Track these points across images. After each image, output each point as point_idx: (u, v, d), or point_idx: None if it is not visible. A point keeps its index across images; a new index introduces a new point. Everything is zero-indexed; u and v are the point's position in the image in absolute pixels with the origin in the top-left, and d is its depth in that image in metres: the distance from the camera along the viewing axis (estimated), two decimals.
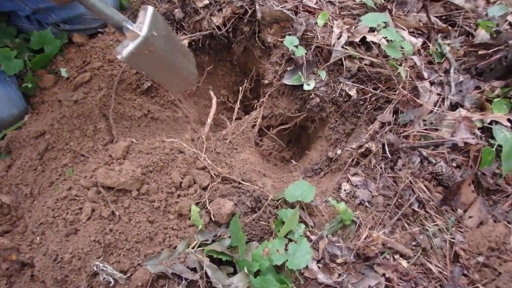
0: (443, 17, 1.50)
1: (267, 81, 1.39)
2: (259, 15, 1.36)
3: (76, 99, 1.14)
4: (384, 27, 1.27)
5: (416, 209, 1.08)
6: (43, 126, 1.11)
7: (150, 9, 0.96)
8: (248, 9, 1.38)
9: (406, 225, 1.06)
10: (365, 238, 1.02)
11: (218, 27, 1.38)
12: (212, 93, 1.32)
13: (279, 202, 1.08)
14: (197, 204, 1.02)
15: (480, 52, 1.33)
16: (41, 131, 1.11)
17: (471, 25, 1.46)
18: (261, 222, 1.04)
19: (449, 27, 1.45)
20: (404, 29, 1.41)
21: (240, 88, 1.39)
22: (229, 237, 0.99)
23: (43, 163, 1.09)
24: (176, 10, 1.38)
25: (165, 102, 1.27)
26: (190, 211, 1.01)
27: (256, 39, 1.42)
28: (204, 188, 1.06)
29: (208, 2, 1.37)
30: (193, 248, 0.96)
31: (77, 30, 1.32)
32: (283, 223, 1.02)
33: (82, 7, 1.08)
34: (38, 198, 1.05)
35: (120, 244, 0.94)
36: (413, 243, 1.03)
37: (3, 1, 1.28)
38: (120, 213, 0.98)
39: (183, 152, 1.09)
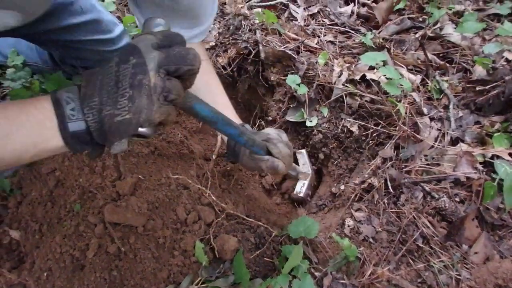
0: (441, 55, 1.55)
1: (270, 118, 1.43)
2: (262, 55, 1.42)
3: None
4: (383, 65, 1.32)
5: (421, 244, 1.08)
6: (54, 163, 1.15)
7: (305, 152, 1.29)
8: (252, 50, 1.44)
9: (411, 261, 1.06)
10: (369, 275, 1.01)
11: (223, 67, 1.44)
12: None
13: (282, 238, 1.09)
14: (201, 240, 1.04)
15: (478, 88, 1.36)
16: (51, 168, 1.15)
17: (468, 62, 1.50)
18: (265, 259, 1.04)
19: (447, 64, 1.49)
20: (402, 67, 1.45)
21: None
22: (233, 273, 0.99)
23: (52, 199, 1.12)
24: None
25: (171, 139, 1.30)
26: (194, 247, 1.02)
27: (260, 77, 1.48)
28: (209, 224, 1.08)
29: (214, 44, 1.44)
30: (197, 284, 0.96)
31: None
32: (286, 259, 1.02)
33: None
34: (46, 234, 1.07)
35: (125, 280, 0.95)
36: (419, 280, 1.03)
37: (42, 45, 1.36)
38: (126, 249, 0.99)
39: (188, 188, 1.12)
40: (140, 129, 0.55)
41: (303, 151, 1.26)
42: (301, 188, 1.22)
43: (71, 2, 1.19)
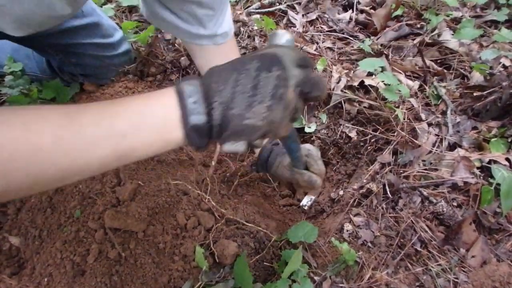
0: (438, 61, 1.57)
1: None
2: None
3: None
4: (381, 72, 1.34)
5: (419, 248, 1.08)
6: None
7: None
8: None
9: (409, 265, 1.06)
10: (368, 279, 1.02)
11: None
12: None
13: (282, 243, 1.10)
14: (201, 245, 1.04)
15: (475, 94, 1.38)
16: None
17: (466, 68, 1.52)
18: (265, 263, 1.05)
19: (445, 70, 1.51)
20: (400, 73, 1.47)
21: None
22: (233, 278, 0.99)
23: (52, 205, 1.13)
24: (182, 58, 1.46)
25: None
26: (194, 252, 1.02)
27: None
28: (209, 230, 1.08)
29: None
30: None
31: (89, 79, 1.40)
32: (286, 263, 1.03)
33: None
34: (46, 240, 1.08)
35: (125, 285, 0.95)
36: (417, 284, 1.03)
37: (40, 51, 1.37)
38: (126, 254, 1.00)
39: (188, 194, 1.13)
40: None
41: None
42: (307, 202, 1.31)
43: None
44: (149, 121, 0.56)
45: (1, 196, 0.50)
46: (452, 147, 1.28)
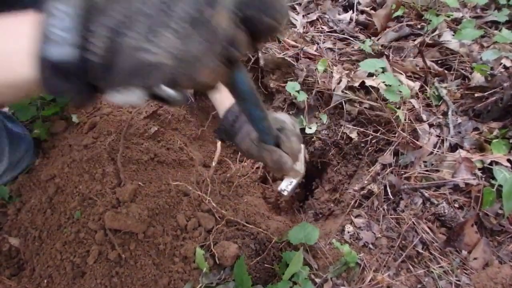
0: (439, 61, 1.56)
1: None
2: (262, 62, 1.43)
3: (86, 143, 1.18)
4: (382, 72, 1.33)
5: (420, 250, 1.08)
6: (54, 170, 1.15)
7: (303, 148, 1.05)
8: (251, 57, 1.45)
9: (410, 267, 1.06)
10: (370, 281, 1.01)
11: None
12: None
13: (283, 244, 1.09)
14: (201, 246, 1.04)
15: (476, 95, 1.37)
16: (51, 175, 1.15)
17: (467, 68, 1.51)
18: (266, 265, 1.04)
19: (445, 71, 1.50)
20: (401, 74, 1.46)
21: None
22: (233, 280, 0.99)
23: (52, 206, 1.12)
24: None
25: (171, 146, 1.31)
26: (195, 253, 1.02)
27: (259, 84, 1.49)
28: (209, 231, 1.08)
29: None
30: None
31: None
32: (287, 265, 1.02)
33: None
34: (46, 241, 1.07)
35: (126, 287, 0.95)
36: (419, 286, 1.03)
37: None
38: (127, 256, 0.99)
39: (188, 195, 1.12)
40: (166, 88, 0.39)
41: (302, 146, 1.02)
42: (287, 186, 1.06)
43: None
44: None
45: None
46: (453, 148, 1.27)
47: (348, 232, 1.14)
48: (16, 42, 0.40)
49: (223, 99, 0.93)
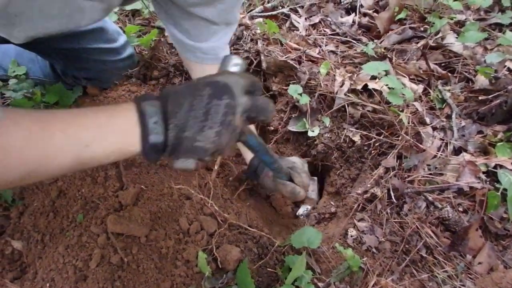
0: (443, 64, 1.56)
1: (272, 128, 1.43)
2: (264, 65, 1.43)
3: None
4: (385, 75, 1.33)
5: (424, 255, 1.07)
6: None
7: (316, 180, 1.37)
8: (254, 60, 1.45)
9: (414, 271, 1.05)
10: (373, 285, 1.00)
11: None
12: None
13: (285, 248, 1.09)
14: (204, 250, 1.03)
15: (480, 98, 1.37)
16: (54, 178, 1.15)
17: (470, 71, 1.50)
18: (268, 269, 1.04)
19: (449, 74, 1.49)
20: (404, 76, 1.46)
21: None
22: (236, 284, 0.98)
23: (55, 209, 1.12)
24: None
25: None
26: (197, 257, 1.01)
27: (262, 87, 1.48)
28: (211, 234, 1.07)
29: None
30: None
31: (92, 83, 1.40)
32: (290, 269, 1.02)
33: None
34: (48, 244, 1.07)
35: None
36: None
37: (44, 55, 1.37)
38: (129, 259, 0.99)
39: (191, 198, 1.12)
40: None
41: (315, 178, 1.36)
42: (303, 211, 1.34)
43: None
44: (110, 135, 0.62)
45: None
46: (457, 151, 1.26)
47: (351, 236, 1.13)
48: (130, 132, 0.63)
49: (248, 152, 1.11)
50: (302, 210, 1.34)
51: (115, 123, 0.63)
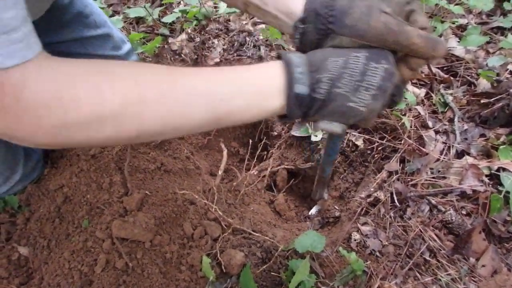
0: (445, 68, 1.56)
1: (275, 133, 1.44)
2: None
3: (94, 153, 1.20)
4: None
5: (428, 258, 1.07)
6: (62, 180, 1.17)
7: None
8: None
9: (418, 275, 1.05)
10: None
11: None
12: (223, 146, 1.37)
13: (289, 252, 1.09)
14: (208, 255, 1.04)
15: (482, 101, 1.37)
16: (59, 184, 1.16)
17: (473, 75, 1.51)
18: (272, 273, 1.04)
19: (451, 77, 1.50)
20: None
21: (250, 140, 1.44)
22: None
23: (60, 215, 1.13)
24: None
25: (177, 155, 1.32)
26: (201, 262, 1.02)
27: None
28: (215, 239, 1.08)
29: (218, 60, 1.47)
30: None
31: None
32: (293, 273, 1.02)
33: None
34: (54, 250, 1.08)
35: None
36: None
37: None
38: (134, 264, 1.00)
39: (195, 203, 1.13)
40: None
41: None
42: (315, 211, 1.34)
43: (86, 15, 1.23)
44: (248, 87, 0.59)
45: (112, 141, 0.60)
46: (460, 154, 1.27)
47: (355, 240, 1.13)
48: (270, 81, 0.59)
49: None
50: (314, 210, 1.35)
51: (252, 76, 0.60)
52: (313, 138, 1.37)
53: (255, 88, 0.59)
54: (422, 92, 1.44)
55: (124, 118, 0.53)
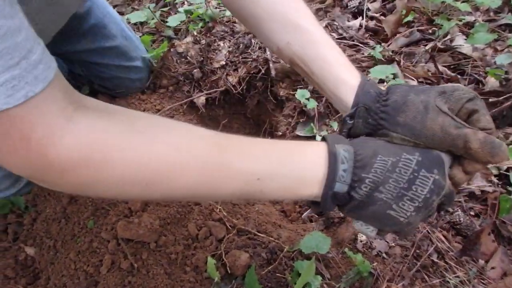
0: (452, 66, 1.54)
1: (280, 133, 1.44)
2: (273, 72, 1.43)
3: None
4: (393, 78, 1.32)
5: (435, 259, 1.06)
6: None
7: None
8: (262, 68, 1.46)
9: (425, 277, 1.04)
10: None
11: (234, 86, 1.46)
12: None
13: (294, 253, 1.09)
14: (213, 256, 1.04)
15: (491, 100, 1.35)
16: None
17: (480, 73, 1.49)
18: (277, 274, 1.04)
19: (458, 76, 1.48)
20: (413, 80, 1.45)
21: None
22: None
23: (66, 216, 1.14)
24: (195, 70, 1.48)
25: None
26: (206, 263, 1.02)
27: (269, 93, 1.49)
28: (220, 240, 1.08)
29: (224, 63, 1.46)
30: None
31: (105, 90, 1.42)
32: (299, 275, 1.01)
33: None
34: (60, 250, 1.09)
35: None
36: None
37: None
38: (139, 265, 1.00)
39: (199, 204, 1.12)
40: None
41: None
42: (308, 212, 1.32)
43: (104, 25, 1.24)
44: (288, 172, 0.56)
45: (140, 198, 0.59)
46: None
47: (361, 241, 1.12)
48: (311, 172, 0.57)
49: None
50: (307, 212, 1.33)
51: (294, 159, 0.57)
52: (318, 138, 1.36)
53: (295, 174, 0.57)
54: None
55: (153, 185, 0.51)
